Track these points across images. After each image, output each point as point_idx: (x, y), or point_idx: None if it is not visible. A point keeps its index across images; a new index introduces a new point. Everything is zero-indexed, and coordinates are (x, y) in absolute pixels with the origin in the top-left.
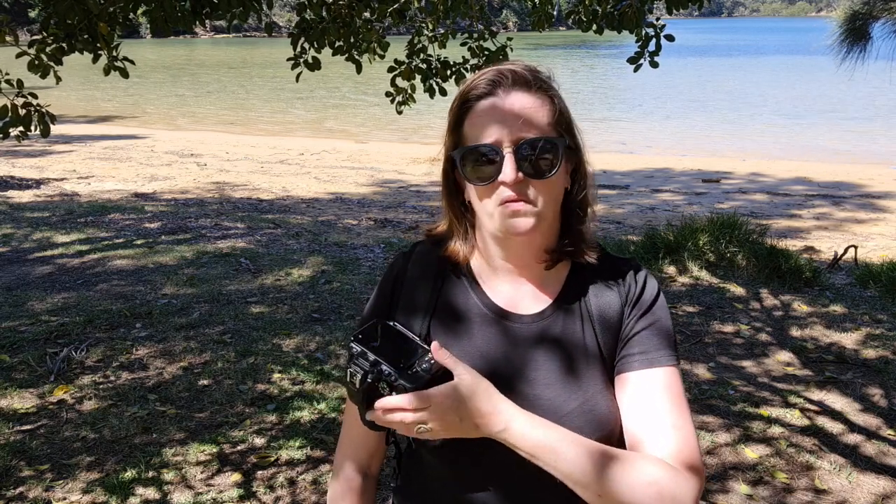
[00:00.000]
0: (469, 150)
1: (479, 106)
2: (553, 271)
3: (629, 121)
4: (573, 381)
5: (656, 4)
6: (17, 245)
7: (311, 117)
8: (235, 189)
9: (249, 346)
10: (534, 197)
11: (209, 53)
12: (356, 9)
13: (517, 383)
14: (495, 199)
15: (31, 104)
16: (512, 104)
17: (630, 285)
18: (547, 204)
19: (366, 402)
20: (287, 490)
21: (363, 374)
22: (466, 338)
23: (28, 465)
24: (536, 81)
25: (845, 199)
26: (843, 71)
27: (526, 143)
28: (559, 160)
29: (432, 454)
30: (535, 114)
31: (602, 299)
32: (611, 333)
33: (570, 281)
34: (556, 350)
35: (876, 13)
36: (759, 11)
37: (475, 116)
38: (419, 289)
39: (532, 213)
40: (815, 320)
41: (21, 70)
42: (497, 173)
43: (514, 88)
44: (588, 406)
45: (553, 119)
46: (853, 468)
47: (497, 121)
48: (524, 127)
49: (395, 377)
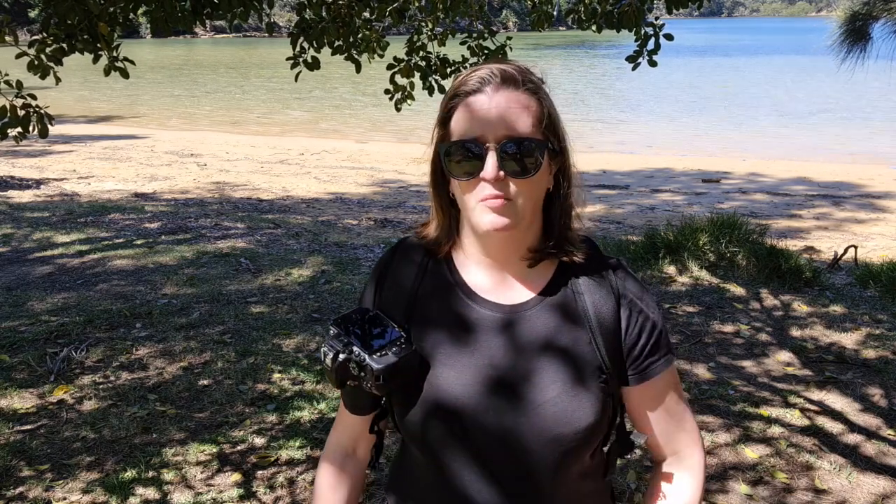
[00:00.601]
0: (454, 144)
1: (467, 102)
2: (538, 269)
3: (629, 121)
4: (551, 373)
5: (656, 4)
6: (17, 245)
7: (311, 117)
8: (235, 189)
9: (249, 346)
10: (514, 195)
11: (209, 53)
12: (356, 8)
13: (490, 373)
14: (476, 195)
15: (30, 105)
16: (499, 103)
17: (621, 287)
18: (526, 203)
19: (339, 382)
20: (287, 490)
21: (335, 354)
22: (445, 325)
23: (28, 465)
24: (525, 82)
25: (845, 199)
26: (843, 71)
27: (509, 141)
28: (541, 161)
29: (426, 453)
30: (521, 114)
31: (596, 298)
32: (609, 336)
33: (557, 278)
34: (537, 342)
35: (876, 13)
36: (759, 11)
37: (462, 112)
38: (403, 278)
39: (510, 212)
40: (815, 320)
41: (20, 71)
42: (479, 169)
43: (502, 87)
44: (564, 399)
45: (539, 120)
46: (853, 468)
47: (483, 118)
48: (509, 126)
49: (364, 357)
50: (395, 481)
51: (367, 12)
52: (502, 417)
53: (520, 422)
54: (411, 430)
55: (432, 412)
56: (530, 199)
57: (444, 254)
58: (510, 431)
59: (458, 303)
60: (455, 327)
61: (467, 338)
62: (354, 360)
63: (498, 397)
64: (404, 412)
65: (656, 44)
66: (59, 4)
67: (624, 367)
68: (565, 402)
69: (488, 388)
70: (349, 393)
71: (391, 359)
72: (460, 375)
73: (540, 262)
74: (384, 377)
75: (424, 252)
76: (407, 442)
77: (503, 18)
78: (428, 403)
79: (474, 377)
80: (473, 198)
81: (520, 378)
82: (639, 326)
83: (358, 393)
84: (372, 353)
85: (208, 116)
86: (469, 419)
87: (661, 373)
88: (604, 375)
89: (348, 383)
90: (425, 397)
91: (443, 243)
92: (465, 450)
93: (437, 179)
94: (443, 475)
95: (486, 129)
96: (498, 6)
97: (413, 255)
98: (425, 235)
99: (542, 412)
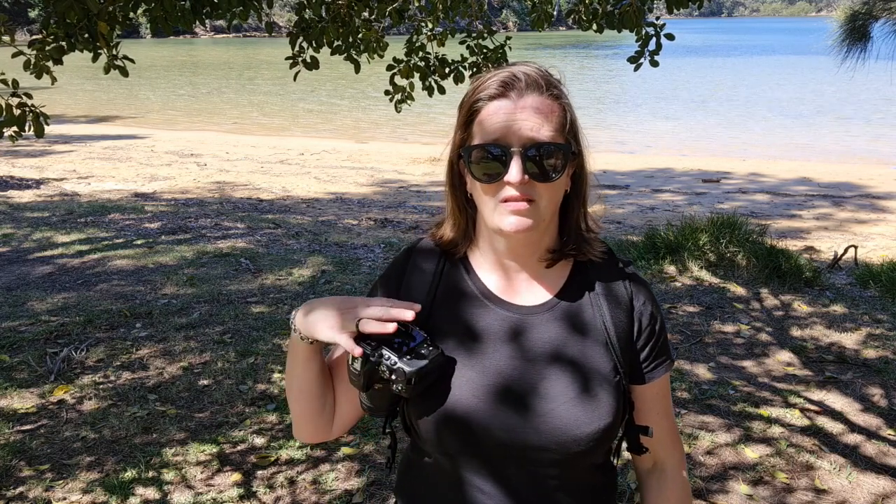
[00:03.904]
0: (478, 147)
1: (491, 106)
2: (554, 269)
3: (629, 121)
4: (570, 373)
5: (656, 4)
6: (17, 245)
7: (311, 117)
8: (235, 189)
9: (249, 346)
10: (536, 198)
11: (209, 53)
12: (355, 8)
13: (511, 372)
14: (498, 197)
15: (26, 104)
16: (524, 107)
17: (634, 288)
18: (547, 205)
19: (366, 385)
20: (287, 490)
21: (364, 357)
22: (464, 326)
23: (28, 465)
24: (549, 87)
25: (845, 200)
26: (843, 71)
27: (534, 146)
28: (564, 165)
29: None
30: (546, 119)
31: (611, 298)
32: (623, 335)
33: (573, 278)
34: (556, 342)
35: (876, 13)
36: (759, 11)
37: (486, 116)
38: (420, 279)
39: (532, 214)
40: (816, 320)
41: (16, 70)
42: (503, 173)
43: (527, 91)
44: (584, 399)
45: (562, 125)
46: (853, 468)
47: (508, 122)
48: (534, 130)
49: (395, 361)
50: (404, 483)
51: (367, 12)
52: (521, 419)
53: (538, 423)
54: (428, 432)
55: (451, 415)
56: (552, 201)
57: (461, 255)
58: (529, 433)
59: (476, 306)
60: (474, 330)
61: (486, 340)
62: (385, 363)
63: (516, 400)
64: (422, 414)
65: (657, 44)
66: (58, 3)
67: (635, 366)
68: (584, 403)
69: (506, 391)
70: (372, 395)
71: (421, 361)
72: (480, 377)
73: (557, 262)
74: (415, 380)
75: (440, 255)
76: (420, 444)
77: (503, 18)
78: (447, 406)
79: (493, 379)
80: (495, 200)
81: (538, 379)
82: (650, 328)
83: (383, 395)
84: (402, 357)
85: (208, 116)
86: (488, 421)
87: (662, 376)
88: (618, 376)
89: (375, 386)
90: (446, 400)
91: (459, 244)
92: (479, 452)
93: (455, 181)
94: (456, 478)
95: (511, 133)
96: (498, 6)
97: (429, 258)
98: (441, 237)
99: (562, 414)
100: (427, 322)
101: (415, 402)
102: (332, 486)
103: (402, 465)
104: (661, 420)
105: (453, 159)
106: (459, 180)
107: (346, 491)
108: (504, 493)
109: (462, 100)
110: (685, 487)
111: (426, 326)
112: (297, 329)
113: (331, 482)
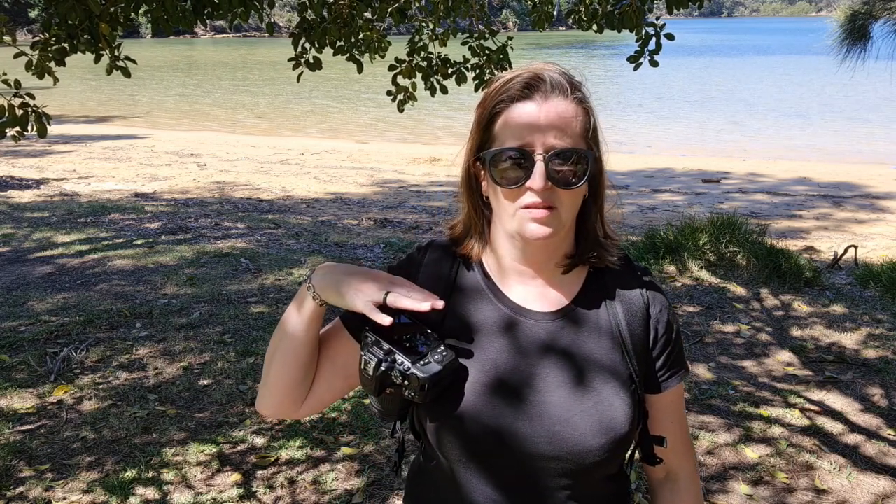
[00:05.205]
0: (500, 152)
1: (514, 109)
2: (570, 275)
3: (629, 121)
4: (586, 381)
5: (656, 4)
6: (17, 245)
7: (311, 117)
8: (235, 189)
9: (249, 346)
10: (557, 205)
11: (209, 53)
12: (357, 8)
13: (526, 379)
14: (519, 203)
15: (28, 104)
16: (548, 111)
17: (650, 295)
18: (568, 212)
19: (378, 390)
20: (287, 490)
21: (377, 363)
22: (479, 331)
23: (28, 465)
24: (573, 90)
25: (845, 200)
26: (843, 71)
27: (558, 152)
28: (587, 171)
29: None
30: (570, 124)
31: (627, 305)
32: (639, 343)
33: (589, 284)
34: (572, 350)
35: (876, 13)
36: (759, 11)
37: (509, 119)
38: (433, 282)
39: (554, 221)
40: (816, 320)
41: (18, 70)
42: (525, 178)
43: (552, 95)
44: (600, 409)
45: (585, 130)
46: (853, 468)
47: (532, 127)
48: (558, 136)
49: (409, 366)
50: (414, 489)
51: (369, 12)
52: (534, 428)
53: (552, 432)
54: (439, 438)
55: (463, 422)
56: (573, 208)
57: (475, 258)
58: (543, 442)
59: (490, 310)
60: (489, 336)
61: (498, 346)
62: (398, 368)
63: (529, 408)
64: (433, 420)
65: (657, 44)
66: (60, 4)
67: (650, 375)
68: (599, 413)
69: (519, 398)
70: (384, 400)
71: (435, 367)
72: (493, 384)
73: (574, 268)
74: (429, 386)
75: (454, 256)
76: (430, 450)
77: (503, 18)
78: (459, 413)
79: (508, 386)
80: (515, 205)
81: (553, 387)
82: (665, 337)
83: (395, 400)
84: (416, 362)
85: (208, 116)
86: (500, 429)
87: (677, 385)
88: (633, 384)
89: (387, 391)
90: (458, 406)
91: (474, 247)
92: (491, 460)
93: (471, 182)
94: (466, 485)
95: (534, 137)
96: (498, 6)
97: (444, 258)
98: (456, 239)
99: (577, 423)
100: (442, 324)
101: (427, 408)
102: (332, 486)
103: (411, 471)
104: (674, 429)
105: (470, 161)
106: (476, 182)
107: (346, 491)
108: (515, 502)
109: (482, 100)
110: (698, 497)
111: (440, 329)
112: (314, 287)
113: (331, 482)
